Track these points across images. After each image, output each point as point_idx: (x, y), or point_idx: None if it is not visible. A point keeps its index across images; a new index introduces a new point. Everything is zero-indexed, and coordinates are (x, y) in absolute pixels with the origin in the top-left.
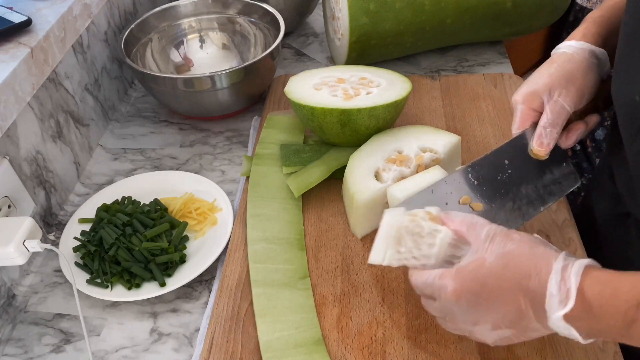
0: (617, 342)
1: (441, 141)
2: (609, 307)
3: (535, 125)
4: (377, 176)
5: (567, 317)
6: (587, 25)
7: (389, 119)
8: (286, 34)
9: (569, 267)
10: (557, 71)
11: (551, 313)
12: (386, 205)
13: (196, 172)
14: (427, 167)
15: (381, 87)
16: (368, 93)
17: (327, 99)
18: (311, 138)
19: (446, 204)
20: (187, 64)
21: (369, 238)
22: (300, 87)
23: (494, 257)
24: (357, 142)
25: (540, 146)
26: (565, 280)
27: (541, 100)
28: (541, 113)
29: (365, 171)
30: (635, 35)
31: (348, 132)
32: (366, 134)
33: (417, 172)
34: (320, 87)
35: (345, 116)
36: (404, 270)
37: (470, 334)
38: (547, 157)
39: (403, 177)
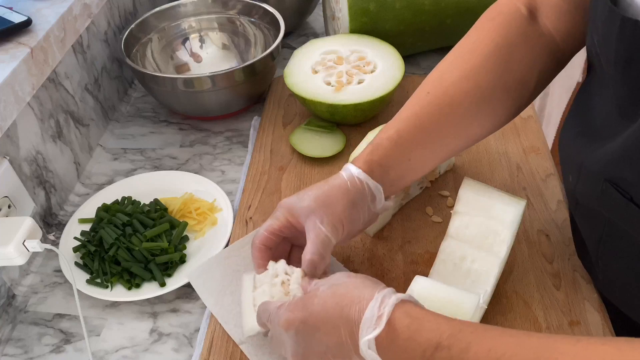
0: None
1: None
2: (411, 342)
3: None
4: None
5: (377, 344)
6: (372, 150)
7: (375, 110)
8: (286, 34)
9: (388, 297)
10: (323, 195)
11: (362, 337)
12: (394, 199)
13: (196, 172)
14: None
15: (374, 73)
16: (360, 82)
17: (319, 87)
18: None
19: None
20: (187, 64)
21: (377, 236)
22: (299, 69)
23: (326, 286)
24: (351, 123)
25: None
26: (380, 308)
27: (294, 220)
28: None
29: None
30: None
31: (338, 118)
32: (355, 122)
33: None
34: (318, 68)
35: (333, 108)
36: (404, 270)
37: None
38: None
39: None
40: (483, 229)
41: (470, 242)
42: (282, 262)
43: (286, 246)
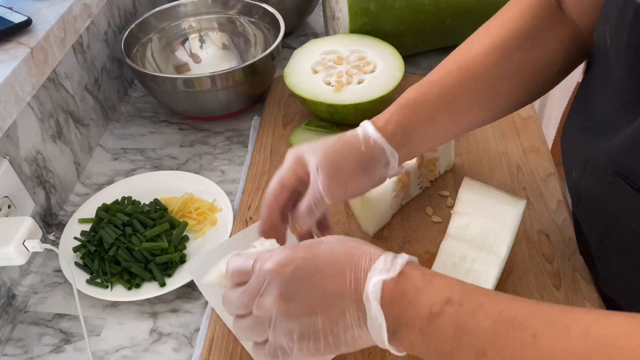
0: (414, 348)
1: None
2: (420, 293)
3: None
4: None
5: (382, 295)
6: (396, 110)
7: (375, 110)
8: (286, 34)
9: (399, 256)
10: (333, 151)
11: (371, 279)
12: (394, 199)
13: (196, 172)
14: (426, 157)
15: (374, 73)
16: (360, 82)
17: (319, 87)
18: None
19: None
20: (187, 64)
21: (377, 236)
22: (299, 69)
23: (330, 239)
24: (351, 123)
25: (293, 230)
26: (393, 261)
27: (303, 173)
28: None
29: None
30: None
31: (338, 118)
32: (355, 122)
33: (418, 165)
34: (318, 68)
35: (333, 108)
36: None
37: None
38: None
39: (407, 172)
40: (483, 229)
41: (470, 242)
42: (273, 240)
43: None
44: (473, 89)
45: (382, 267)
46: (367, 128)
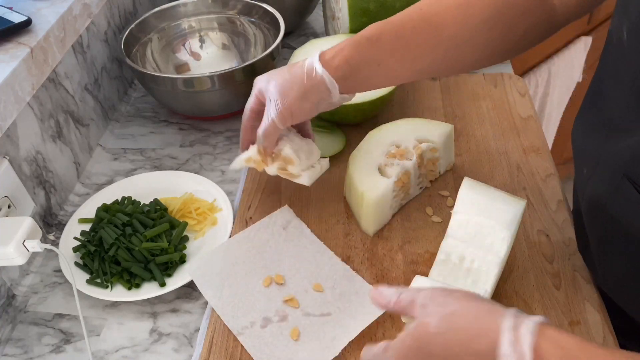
0: None
1: (436, 131)
2: None
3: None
4: (380, 172)
5: None
6: (346, 45)
7: (375, 110)
8: (286, 34)
9: (521, 325)
10: (282, 81)
11: None
12: (394, 199)
13: (196, 172)
14: (426, 157)
15: None
16: None
17: None
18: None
19: None
20: (187, 63)
21: (377, 236)
22: None
23: (437, 319)
24: (351, 123)
25: (262, 155)
26: (518, 340)
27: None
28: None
29: (369, 169)
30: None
31: (338, 118)
32: (355, 122)
33: (418, 164)
34: None
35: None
36: (404, 270)
37: None
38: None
39: (407, 171)
40: (483, 228)
41: (470, 242)
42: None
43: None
44: (427, 40)
45: (511, 357)
46: (313, 62)
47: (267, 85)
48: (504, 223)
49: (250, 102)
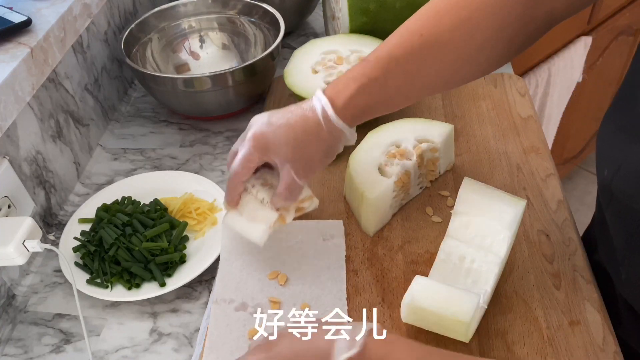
0: None
1: (436, 131)
2: None
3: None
4: (380, 172)
5: None
6: (356, 92)
7: None
8: (286, 34)
9: (358, 330)
10: (299, 145)
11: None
12: (394, 199)
13: (196, 172)
14: (426, 157)
15: None
16: None
17: (319, 87)
18: None
19: None
20: (187, 64)
21: (377, 236)
22: (299, 69)
23: (282, 340)
24: None
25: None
26: (353, 338)
27: (268, 159)
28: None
29: (369, 168)
30: (619, 111)
31: None
32: None
33: (418, 164)
34: (318, 68)
35: None
36: (404, 270)
37: None
38: None
39: (407, 171)
40: (483, 228)
41: (470, 242)
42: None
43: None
44: (432, 67)
45: (344, 344)
46: (329, 114)
47: (277, 151)
48: (504, 223)
49: (247, 160)
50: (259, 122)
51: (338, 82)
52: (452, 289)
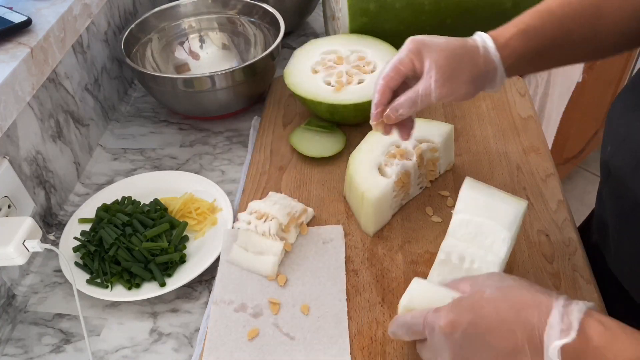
0: None
1: (436, 131)
2: (605, 351)
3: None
4: (380, 172)
5: (564, 351)
6: (515, 35)
7: None
8: (286, 34)
9: (572, 305)
10: (453, 56)
11: (549, 343)
12: (394, 199)
13: (196, 172)
14: (426, 157)
15: (374, 73)
16: (360, 82)
17: (319, 87)
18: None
19: None
20: (187, 64)
21: (377, 236)
22: (299, 69)
23: (492, 289)
24: (351, 123)
25: (387, 119)
26: (568, 315)
27: (418, 65)
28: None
29: (369, 169)
30: (629, 97)
31: (338, 118)
32: (355, 122)
33: (418, 164)
34: (318, 68)
35: (333, 108)
36: (404, 270)
37: None
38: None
39: (407, 171)
40: (483, 229)
41: (470, 242)
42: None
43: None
44: (587, 31)
45: (558, 326)
46: (488, 45)
47: (430, 53)
48: (505, 224)
49: (399, 62)
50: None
51: (498, 29)
52: (450, 291)
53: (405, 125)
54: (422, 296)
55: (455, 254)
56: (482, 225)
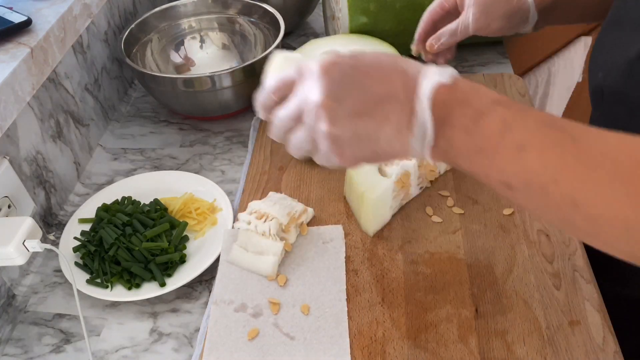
0: (452, 149)
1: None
2: (472, 96)
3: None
4: (380, 172)
5: (436, 97)
6: None
7: None
8: (286, 34)
9: (448, 67)
10: None
11: (424, 80)
12: (394, 199)
13: (196, 172)
14: (426, 160)
15: None
16: None
17: None
18: None
19: None
20: (187, 64)
21: (377, 236)
22: None
23: (374, 52)
24: None
25: (430, 47)
26: (444, 70)
27: (460, 2)
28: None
29: (369, 169)
30: (613, 19)
31: None
32: None
33: (418, 164)
34: None
35: None
36: (404, 270)
37: (334, 145)
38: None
39: (407, 171)
40: None
41: None
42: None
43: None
44: None
45: (436, 73)
46: None
47: None
48: None
49: (441, 2)
50: None
51: None
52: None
53: (444, 54)
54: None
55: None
56: None
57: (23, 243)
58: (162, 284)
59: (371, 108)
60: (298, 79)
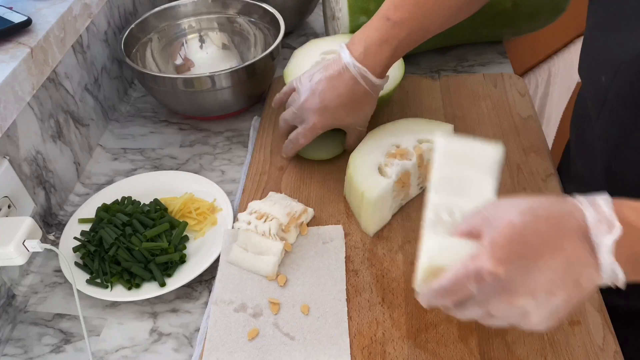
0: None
1: (436, 131)
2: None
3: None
4: (380, 172)
5: (618, 245)
6: (383, 44)
7: (376, 111)
8: (286, 34)
9: (596, 199)
10: (352, 106)
11: (601, 239)
12: (394, 199)
13: (196, 172)
14: (426, 157)
15: None
16: None
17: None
18: None
19: None
20: (187, 64)
21: (377, 236)
22: (299, 69)
23: (517, 215)
24: None
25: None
26: (599, 211)
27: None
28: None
29: (369, 169)
30: (604, 20)
31: None
32: None
33: (418, 164)
34: None
35: None
36: (404, 270)
37: (522, 318)
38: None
39: (407, 171)
40: (465, 178)
41: (454, 194)
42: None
43: None
44: (448, 12)
45: (598, 225)
46: (372, 81)
47: (336, 119)
48: (486, 169)
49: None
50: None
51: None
52: (463, 241)
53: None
54: (440, 251)
55: (443, 210)
56: (463, 175)
57: (23, 243)
58: (162, 284)
59: (559, 285)
60: (473, 289)
